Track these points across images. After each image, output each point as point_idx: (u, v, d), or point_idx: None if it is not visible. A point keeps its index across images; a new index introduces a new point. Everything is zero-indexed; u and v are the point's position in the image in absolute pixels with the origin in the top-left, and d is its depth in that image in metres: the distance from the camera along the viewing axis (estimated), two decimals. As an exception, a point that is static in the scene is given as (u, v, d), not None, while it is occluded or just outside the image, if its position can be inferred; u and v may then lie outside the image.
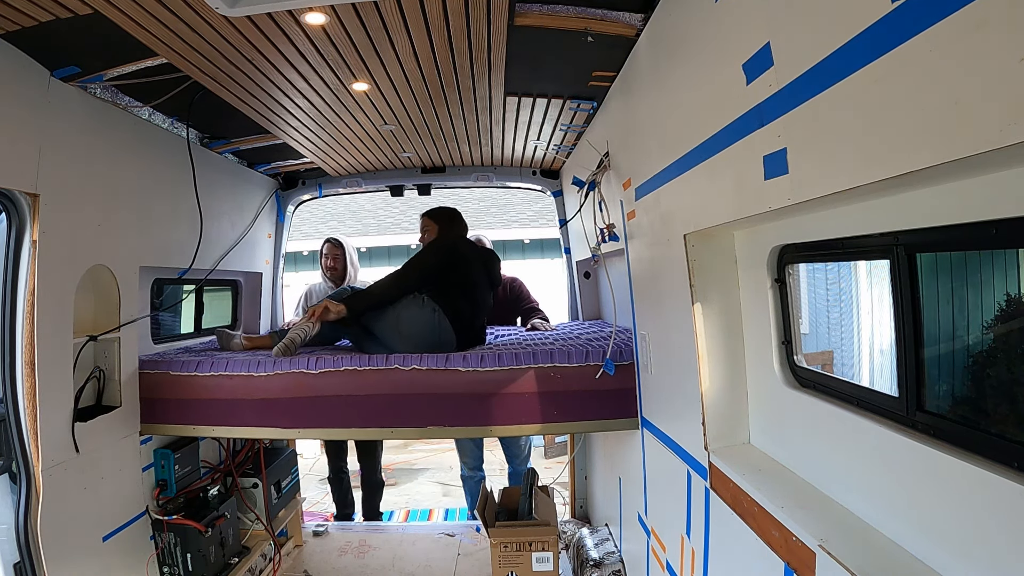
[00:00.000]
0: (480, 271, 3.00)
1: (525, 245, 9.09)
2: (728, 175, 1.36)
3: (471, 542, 3.53)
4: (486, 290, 3.06)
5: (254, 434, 2.65)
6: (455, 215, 3.19)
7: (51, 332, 1.96)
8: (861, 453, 1.18)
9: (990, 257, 0.95)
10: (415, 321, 2.67)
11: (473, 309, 2.85)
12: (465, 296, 2.83)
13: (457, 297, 2.79)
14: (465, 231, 3.20)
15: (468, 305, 2.81)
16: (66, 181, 1.99)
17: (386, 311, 2.71)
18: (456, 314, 2.73)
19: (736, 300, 1.65)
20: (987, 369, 0.99)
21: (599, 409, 2.46)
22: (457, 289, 2.83)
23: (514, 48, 1.99)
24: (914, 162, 0.78)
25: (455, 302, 2.76)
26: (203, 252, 2.81)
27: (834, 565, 1.03)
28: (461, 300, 2.80)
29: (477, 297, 2.92)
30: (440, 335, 2.67)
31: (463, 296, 2.82)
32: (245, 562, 2.82)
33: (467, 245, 3.08)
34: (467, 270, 2.92)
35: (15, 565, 1.88)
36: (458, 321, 2.72)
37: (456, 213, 3.21)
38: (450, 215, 3.18)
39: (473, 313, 2.84)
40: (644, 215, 2.03)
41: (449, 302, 2.74)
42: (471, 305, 2.84)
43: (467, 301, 2.82)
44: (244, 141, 2.97)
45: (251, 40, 1.83)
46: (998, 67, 0.64)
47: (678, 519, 1.89)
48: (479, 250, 3.13)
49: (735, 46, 1.22)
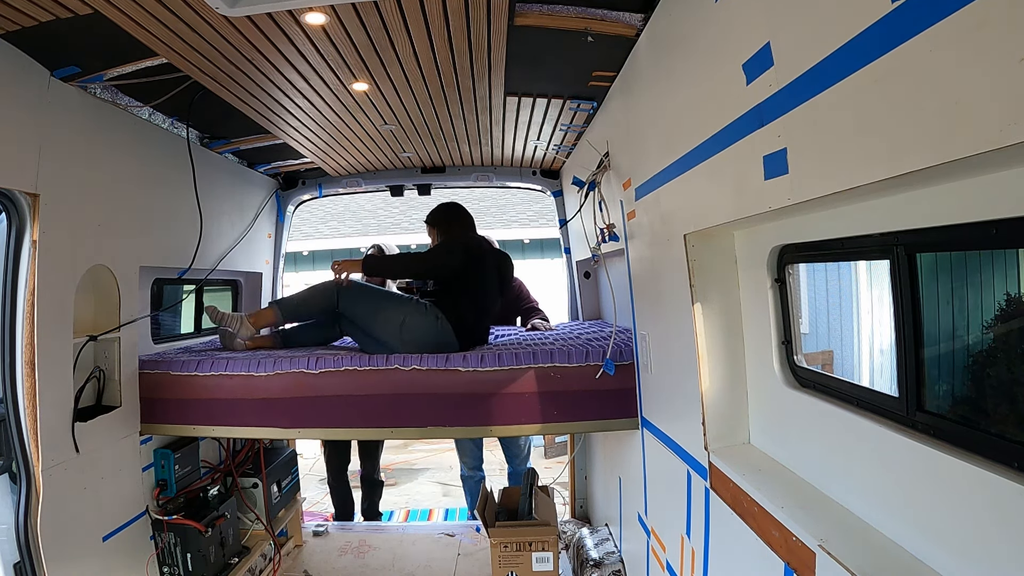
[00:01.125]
0: (493, 275, 2.95)
1: (525, 245, 9.09)
2: (728, 175, 1.36)
3: (471, 542, 3.53)
4: (496, 295, 3.01)
5: (254, 434, 2.65)
6: (454, 211, 3.10)
7: (51, 332, 1.96)
8: (861, 453, 1.18)
9: (990, 257, 0.95)
10: (418, 328, 2.65)
11: (478, 315, 2.81)
12: (472, 302, 2.79)
13: (463, 302, 2.75)
14: (471, 226, 3.10)
15: (473, 310, 2.77)
16: (66, 181, 1.99)
17: (390, 316, 2.68)
18: (459, 320, 2.70)
19: (736, 300, 1.65)
20: (987, 369, 0.99)
21: (599, 409, 2.46)
22: (465, 294, 2.79)
23: (514, 48, 1.99)
24: (914, 162, 0.78)
25: (460, 307, 2.73)
26: (203, 252, 2.81)
27: (834, 565, 1.03)
28: (466, 305, 2.76)
29: (486, 303, 2.88)
30: (441, 339, 2.66)
31: (470, 301, 2.78)
32: (245, 562, 2.82)
33: (479, 246, 2.98)
34: (480, 274, 2.86)
35: (15, 565, 1.88)
36: (461, 327, 2.70)
37: (454, 208, 3.12)
38: (448, 213, 3.09)
39: (477, 318, 2.81)
40: (644, 215, 2.03)
41: (453, 307, 2.71)
42: (476, 310, 2.80)
43: (473, 306, 2.78)
44: (244, 141, 2.97)
45: (251, 40, 1.83)
46: (998, 67, 0.64)
47: (678, 519, 1.89)
48: (494, 252, 3.06)
49: (735, 46, 1.22)
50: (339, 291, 2.79)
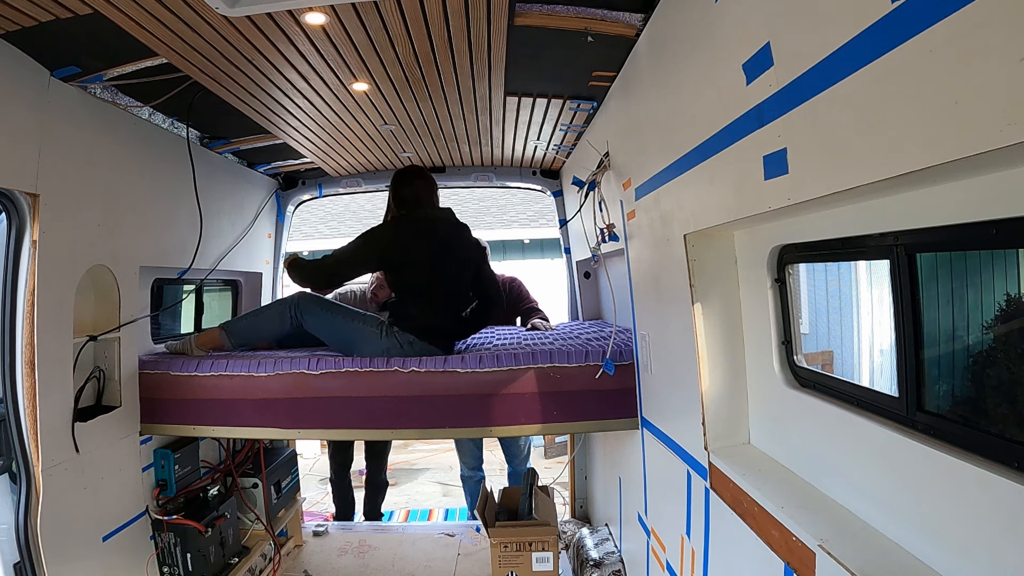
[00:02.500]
0: (439, 254, 2.54)
1: (525, 245, 9.10)
2: (728, 175, 1.36)
3: (471, 542, 3.53)
4: (457, 281, 2.62)
5: (254, 434, 2.65)
6: (400, 178, 2.67)
7: (51, 332, 1.96)
8: (861, 453, 1.18)
9: (990, 257, 0.95)
10: (385, 351, 2.49)
11: (441, 315, 2.56)
12: (425, 301, 2.54)
13: (416, 309, 2.53)
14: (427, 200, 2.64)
15: (431, 313, 2.53)
16: (66, 181, 1.99)
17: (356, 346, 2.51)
18: (422, 330, 2.49)
19: (736, 300, 1.65)
20: (987, 369, 0.99)
21: (599, 409, 2.46)
22: (418, 298, 2.55)
23: (514, 48, 1.99)
24: (914, 162, 0.78)
25: (415, 317, 2.51)
26: (203, 252, 2.81)
27: (834, 565, 1.03)
28: (423, 310, 2.52)
29: (442, 295, 2.57)
30: (411, 352, 2.49)
31: (426, 304, 2.53)
32: (245, 562, 2.82)
33: (413, 226, 2.55)
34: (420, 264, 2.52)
35: (15, 565, 1.88)
36: (427, 333, 2.51)
37: (401, 176, 2.69)
38: (395, 180, 2.67)
39: (445, 315, 2.57)
40: (644, 215, 2.03)
41: (407, 318, 2.51)
42: (437, 311, 2.54)
43: (430, 308, 2.53)
44: (244, 141, 2.97)
45: (251, 40, 1.83)
46: (998, 67, 0.64)
47: (678, 519, 1.89)
48: (435, 231, 2.59)
49: (735, 46, 1.22)
50: (299, 315, 2.61)
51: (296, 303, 2.65)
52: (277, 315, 2.67)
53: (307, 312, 2.63)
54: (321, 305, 2.66)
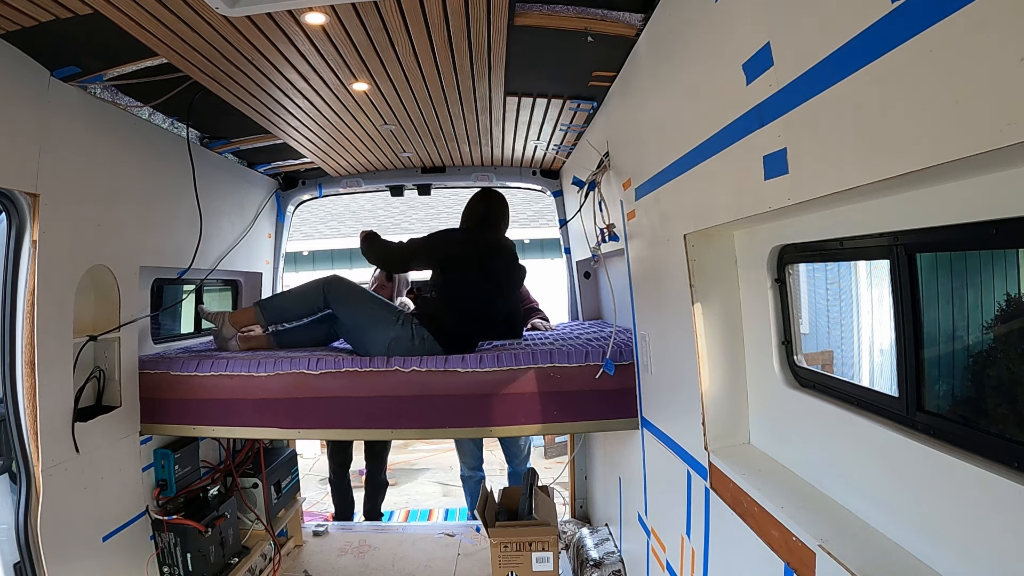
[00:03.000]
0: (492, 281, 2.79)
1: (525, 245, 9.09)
2: (728, 175, 1.36)
3: (471, 542, 3.53)
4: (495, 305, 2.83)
5: (254, 434, 2.65)
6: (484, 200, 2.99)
7: (51, 332, 1.96)
8: (861, 453, 1.18)
9: (990, 257, 0.95)
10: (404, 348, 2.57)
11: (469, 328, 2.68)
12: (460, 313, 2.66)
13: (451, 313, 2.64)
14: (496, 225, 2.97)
15: (459, 323, 2.65)
16: (66, 181, 1.99)
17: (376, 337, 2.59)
18: (443, 334, 2.59)
19: (736, 300, 1.65)
20: (987, 369, 0.99)
21: (599, 409, 2.46)
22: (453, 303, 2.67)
23: (514, 48, 1.99)
24: (914, 162, 0.78)
25: (442, 320, 2.62)
26: (203, 252, 2.81)
27: (834, 565, 1.03)
28: (454, 317, 2.64)
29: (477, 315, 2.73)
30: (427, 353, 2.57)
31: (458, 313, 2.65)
32: (245, 562, 2.82)
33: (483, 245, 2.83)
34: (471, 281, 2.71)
35: (15, 565, 1.88)
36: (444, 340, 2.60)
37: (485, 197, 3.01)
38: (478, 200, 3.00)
39: (470, 331, 2.69)
40: (644, 215, 2.03)
41: (433, 319, 2.61)
42: (465, 323, 2.67)
43: (461, 319, 2.65)
44: (244, 141, 2.97)
45: (251, 40, 1.83)
46: (998, 67, 0.64)
47: (678, 519, 1.89)
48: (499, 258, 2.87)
49: (735, 46, 1.22)
50: (327, 293, 2.74)
51: (328, 281, 2.78)
52: (311, 292, 2.79)
53: (337, 290, 2.76)
54: (351, 286, 2.81)
